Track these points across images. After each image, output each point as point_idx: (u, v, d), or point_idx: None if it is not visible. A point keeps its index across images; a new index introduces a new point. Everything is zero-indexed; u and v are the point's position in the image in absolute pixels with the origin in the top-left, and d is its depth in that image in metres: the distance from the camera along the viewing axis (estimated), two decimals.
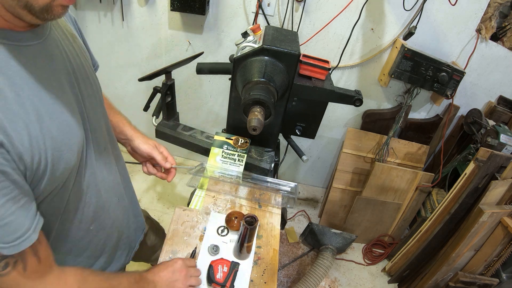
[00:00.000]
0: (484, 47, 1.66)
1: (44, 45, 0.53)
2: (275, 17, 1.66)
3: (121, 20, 1.79)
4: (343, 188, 2.06)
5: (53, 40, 0.56)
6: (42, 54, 0.52)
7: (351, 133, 1.95)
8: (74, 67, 0.60)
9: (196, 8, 1.57)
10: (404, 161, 1.98)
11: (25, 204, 0.48)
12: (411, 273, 1.87)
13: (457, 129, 2.00)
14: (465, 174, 1.60)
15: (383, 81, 1.72)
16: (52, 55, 0.54)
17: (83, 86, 0.62)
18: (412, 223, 2.12)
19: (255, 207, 1.04)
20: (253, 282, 0.83)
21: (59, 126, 0.53)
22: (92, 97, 0.66)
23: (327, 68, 1.01)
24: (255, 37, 1.04)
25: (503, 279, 1.67)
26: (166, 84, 1.10)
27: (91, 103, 0.65)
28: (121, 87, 2.06)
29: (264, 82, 0.90)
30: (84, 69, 0.64)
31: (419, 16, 1.53)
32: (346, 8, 1.55)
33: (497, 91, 1.84)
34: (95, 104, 0.67)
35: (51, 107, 0.52)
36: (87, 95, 0.64)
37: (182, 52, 1.87)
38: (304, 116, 1.11)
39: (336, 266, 2.01)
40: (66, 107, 0.55)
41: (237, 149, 1.10)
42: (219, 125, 2.16)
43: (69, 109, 0.56)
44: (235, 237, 0.92)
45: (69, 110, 0.56)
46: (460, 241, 1.59)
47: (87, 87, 0.64)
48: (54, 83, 0.53)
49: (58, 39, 0.57)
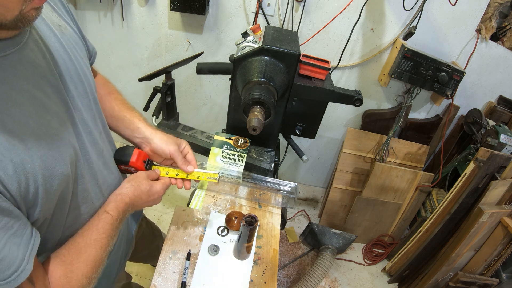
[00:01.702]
0: (484, 47, 1.66)
1: (24, 51, 0.47)
2: (275, 17, 1.66)
3: (121, 20, 1.79)
4: (343, 188, 2.05)
5: (33, 42, 0.50)
6: (22, 62, 0.47)
7: (351, 133, 1.95)
8: (61, 68, 0.55)
9: (196, 8, 1.57)
10: (404, 161, 1.98)
11: (18, 231, 0.46)
12: (411, 273, 1.87)
13: (457, 129, 2.00)
14: (465, 174, 1.60)
15: (383, 81, 1.72)
16: (34, 61, 0.49)
17: (72, 86, 0.58)
18: (412, 223, 2.12)
19: (255, 207, 1.04)
20: (253, 282, 0.83)
21: (48, 141, 0.49)
22: (84, 96, 0.62)
23: (327, 68, 1.01)
24: (255, 37, 1.04)
25: (503, 279, 1.67)
26: (166, 84, 1.10)
27: (83, 103, 0.61)
28: (121, 87, 2.04)
29: (264, 82, 0.90)
30: (74, 66, 0.59)
31: (419, 16, 1.53)
32: (346, 8, 1.55)
33: (497, 91, 1.84)
34: (87, 103, 0.63)
35: (36, 123, 0.47)
36: (78, 95, 0.59)
37: (182, 52, 1.87)
38: (304, 116, 1.11)
39: (336, 266, 2.01)
40: (53, 118, 0.51)
41: (237, 149, 1.10)
42: (219, 125, 2.16)
43: (57, 119, 0.52)
44: (235, 237, 0.92)
45: (57, 121, 0.52)
46: (460, 241, 1.59)
47: (78, 87, 0.60)
48: (38, 93, 0.49)
49: (39, 38, 0.52)
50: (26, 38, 0.48)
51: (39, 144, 0.47)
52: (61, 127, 0.53)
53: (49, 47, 0.53)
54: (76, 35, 0.64)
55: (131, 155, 0.76)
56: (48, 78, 0.51)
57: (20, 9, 0.40)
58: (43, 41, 0.52)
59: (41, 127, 0.48)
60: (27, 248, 0.47)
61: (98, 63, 0.80)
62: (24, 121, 0.46)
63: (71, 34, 0.62)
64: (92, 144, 0.64)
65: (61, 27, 0.59)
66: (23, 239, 0.47)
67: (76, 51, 0.61)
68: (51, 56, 0.53)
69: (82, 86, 0.61)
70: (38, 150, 0.47)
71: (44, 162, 0.48)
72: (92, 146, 0.64)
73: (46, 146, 0.49)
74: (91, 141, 0.64)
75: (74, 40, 0.62)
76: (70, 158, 0.54)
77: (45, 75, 0.51)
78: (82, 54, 0.64)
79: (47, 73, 0.51)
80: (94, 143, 0.65)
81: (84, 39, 0.71)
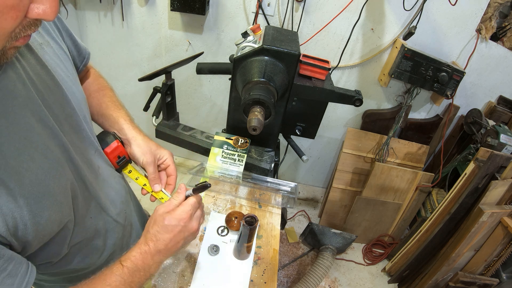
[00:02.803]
0: (484, 47, 1.66)
1: (1, 82, 0.45)
2: (275, 17, 1.66)
3: (121, 20, 1.79)
4: (343, 188, 2.05)
5: (12, 69, 0.47)
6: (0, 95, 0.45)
7: (351, 133, 1.95)
8: (43, 93, 0.52)
9: (196, 8, 1.57)
10: (404, 161, 1.98)
11: (12, 271, 0.46)
12: (411, 273, 1.87)
13: (457, 129, 2.00)
14: (465, 174, 1.60)
15: (383, 81, 1.72)
16: (13, 91, 0.46)
17: (57, 110, 0.54)
18: (412, 223, 2.12)
19: (255, 207, 1.04)
20: (253, 282, 0.83)
21: (32, 178, 0.48)
22: (73, 117, 0.59)
23: (327, 68, 1.01)
24: (255, 37, 1.04)
25: (503, 279, 1.67)
26: (166, 84, 1.10)
27: (72, 125, 0.58)
28: (121, 87, 2.06)
29: (264, 82, 0.90)
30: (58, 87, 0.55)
31: (419, 16, 1.53)
32: (346, 8, 1.55)
33: (497, 91, 1.84)
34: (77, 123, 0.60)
35: (16, 161, 0.46)
36: (65, 117, 0.56)
37: (182, 52, 1.87)
38: (304, 116, 1.11)
39: (336, 266, 2.01)
40: (36, 151, 0.49)
41: (237, 149, 1.10)
42: (219, 125, 2.16)
43: (41, 150, 0.50)
44: (235, 237, 0.92)
45: (41, 152, 0.49)
46: (460, 241, 1.59)
47: (65, 108, 0.56)
48: (17, 129, 0.46)
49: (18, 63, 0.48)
50: (3, 67, 0.45)
51: (21, 183, 0.46)
52: (45, 159, 0.50)
53: (29, 72, 0.50)
54: (60, 50, 0.61)
55: (108, 144, 0.73)
56: (29, 107, 0.49)
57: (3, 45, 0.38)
58: (22, 66, 0.49)
59: (22, 164, 0.47)
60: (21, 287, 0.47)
61: (98, 63, 0.79)
62: (3, 163, 0.44)
63: (54, 50, 0.58)
64: (87, 164, 0.63)
65: (42, 45, 0.55)
66: (16, 279, 0.46)
67: (60, 68, 0.58)
68: (32, 82, 0.50)
69: (69, 107, 0.58)
70: (20, 189, 0.46)
71: (27, 199, 0.47)
72: (88, 166, 0.63)
73: (29, 183, 0.47)
74: (85, 162, 0.62)
75: (57, 56, 0.59)
76: (60, 188, 0.53)
77: (27, 105, 0.48)
78: (68, 69, 0.61)
79: (29, 102, 0.48)
80: (88, 163, 0.63)
81: (76, 43, 0.68)
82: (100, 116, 0.78)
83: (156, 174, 0.77)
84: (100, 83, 0.83)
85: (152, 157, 0.76)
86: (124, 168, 0.78)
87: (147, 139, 0.79)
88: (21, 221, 0.46)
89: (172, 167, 0.80)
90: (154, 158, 0.77)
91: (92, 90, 0.80)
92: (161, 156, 0.79)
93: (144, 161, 0.75)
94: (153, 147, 0.78)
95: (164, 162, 0.79)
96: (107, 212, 0.70)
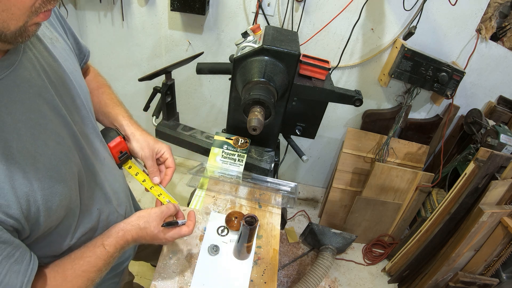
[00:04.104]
0: (484, 47, 1.66)
1: (18, 71, 0.47)
2: (275, 17, 1.66)
3: (121, 20, 1.79)
4: (343, 188, 2.05)
5: (28, 60, 0.49)
6: (17, 83, 0.46)
7: (351, 133, 1.95)
8: (56, 84, 0.54)
9: (196, 8, 1.57)
10: (404, 161, 1.98)
11: (18, 258, 0.48)
12: (411, 273, 1.87)
13: (457, 129, 2.00)
14: (465, 174, 1.60)
15: (383, 81, 1.72)
16: (29, 80, 0.49)
17: (69, 101, 0.57)
18: (412, 223, 2.12)
19: (255, 207, 1.04)
20: (253, 282, 0.83)
21: (45, 162, 0.50)
22: (81, 108, 0.61)
23: (327, 68, 1.01)
24: (255, 37, 1.04)
25: (503, 279, 1.67)
26: (166, 84, 1.10)
27: (81, 116, 0.61)
28: (121, 87, 2.06)
29: (264, 82, 0.90)
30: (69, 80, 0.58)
31: (419, 16, 1.53)
32: (346, 8, 1.55)
33: (497, 91, 1.84)
34: (85, 115, 0.63)
35: (32, 146, 0.48)
36: (75, 108, 0.59)
37: (182, 52, 1.87)
38: (304, 116, 1.11)
39: (336, 266, 2.01)
40: (50, 138, 0.51)
41: (237, 149, 1.10)
42: (219, 125, 2.16)
43: (54, 137, 0.52)
44: (235, 237, 0.92)
45: (54, 139, 0.52)
46: (460, 241, 1.59)
47: (75, 100, 0.59)
48: (33, 115, 0.49)
49: (33, 55, 0.51)
50: (20, 57, 0.48)
51: (36, 167, 0.48)
52: (58, 145, 0.53)
53: (43, 63, 0.52)
54: (67, 46, 0.63)
55: (112, 139, 0.75)
56: (43, 96, 0.51)
57: (25, 20, 0.39)
58: (36, 57, 0.51)
59: (37, 149, 0.49)
60: (26, 274, 0.49)
61: (98, 63, 0.80)
62: (21, 146, 0.46)
63: (62, 46, 0.61)
64: (95, 154, 0.65)
65: (52, 40, 0.58)
66: (22, 265, 0.49)
67: (69, 63, 0.60)
68: (46, 72, 0.52)
69: (79, 99, 0.61)
70: (35, 173, 0.48)
71: (42, 183, 0.49)
72: (95, 156, 0.65)
73: (43, 168, 0.49)
74: (93, 152, 0.64)
75: (66, 51, 0.61)
76: (70, 174, 0.55)
77: (41, 94, 0.51)
78: (74, 65, 0.63)
79: (43, 91, 0.51)
80: (96, 153, 0.66)
81: (78, 42, 0.70)
82: (99, 113, 0.81)
83: (155, 167, 0.79)
84: (99, 81, 0.85)
85: (150, 151, 0.78)
86: (125, 164, 0.80)
87: (145, 134, 0.81)
88: (34, 205, 0.48)
89: (171, 160, 0.82)
90: (152, 152, 0.79)
91: (92, 88, 0.81)
92: (159, 150, 0.81)
93: (143, 155, 0.77)
94: (151, 141, 0.80)
95: (162, 156, 0.81)
96: (111, 203, 0.71)
